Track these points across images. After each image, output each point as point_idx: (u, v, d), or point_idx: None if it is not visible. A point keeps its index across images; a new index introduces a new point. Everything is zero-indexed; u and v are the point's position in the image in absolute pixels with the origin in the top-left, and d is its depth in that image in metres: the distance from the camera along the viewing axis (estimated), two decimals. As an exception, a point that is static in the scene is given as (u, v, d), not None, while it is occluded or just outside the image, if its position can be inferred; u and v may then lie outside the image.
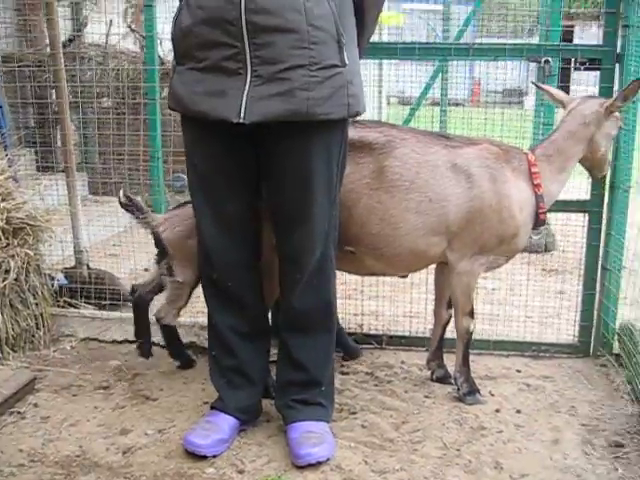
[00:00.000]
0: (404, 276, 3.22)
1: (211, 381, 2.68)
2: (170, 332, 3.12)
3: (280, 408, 2.63)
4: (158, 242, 3.03)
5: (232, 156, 2.42)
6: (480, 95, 10.94)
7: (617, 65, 3.09)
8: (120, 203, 3.06)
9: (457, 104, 6.88)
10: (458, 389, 2.91)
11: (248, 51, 2.17)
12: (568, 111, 2.91)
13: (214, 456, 2.46)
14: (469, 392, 2.89)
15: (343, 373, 3.14)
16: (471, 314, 2.89)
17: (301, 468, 2.40)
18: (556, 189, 2.89)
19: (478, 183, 2.73)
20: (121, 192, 3.08)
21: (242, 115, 2.20)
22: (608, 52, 3.07)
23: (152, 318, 3.10)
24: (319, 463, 2.40)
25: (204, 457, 2.44)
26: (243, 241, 2.54)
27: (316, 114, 2.24)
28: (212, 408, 2.64)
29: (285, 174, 2.39)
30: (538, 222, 2.86)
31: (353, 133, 2.69)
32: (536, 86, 3.19)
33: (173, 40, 2.35)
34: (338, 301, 3.32)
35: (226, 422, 2.55)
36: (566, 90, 4.60)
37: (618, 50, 3.08)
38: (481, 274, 2.90)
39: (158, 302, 3.12)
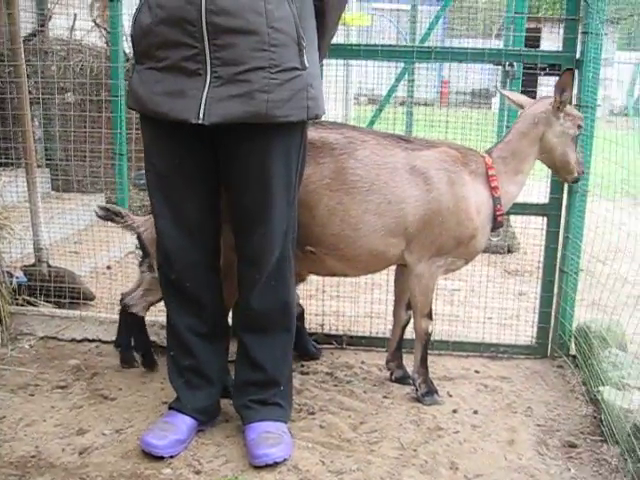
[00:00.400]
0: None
1: (169, 381, 2.67)
2: (135, 323, 3.11)
3: (238, 408, 2.63)
4: (140, 242, 3.06)
5: (191, 157, 2.41)
6: (448, 96, 11.03)
7: (576, 70, 3.12)
8: (98, 216, 3.11)
9: (426, 104, 6.92)
10: (416, 390, 2.94)
11: (208, 52, 2.17)
12: (521, 113, 2.96)
13: (171, 457, 2.45)
14: (427, 393, 2.92)
15: (303, 373, 3.15)
16: (429, 316, 2.91)
17: (258, 468, 2.40)
18: (514, 191, 2.92)
19: (436, 185, 2.76)
20: (96, 206, 3.14)
21: (201, 116, 2.19)
22: (568, 58, 3.12)
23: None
24: (276, 463, 2.41)
25: (161, 458, 2.43)
26: (202, 242, 2.53)
27: (275, 116, 2.25)
28: (170, 408, 2.63)
29: (245, 176, 2.39)
30: (496, 224, 2.89)
31: (314, 134, 2.72)
32: (498, 91, 3.20)
33: (133, 39, 2.33)
34: (300, 301, 3.34)
35: (184, 422, 2.55)
36: (533, 94, 4.67)
37: (577, 56, 3.13)
38: (439, 276, 2.93)
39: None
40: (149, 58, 2.26)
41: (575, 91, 3.14)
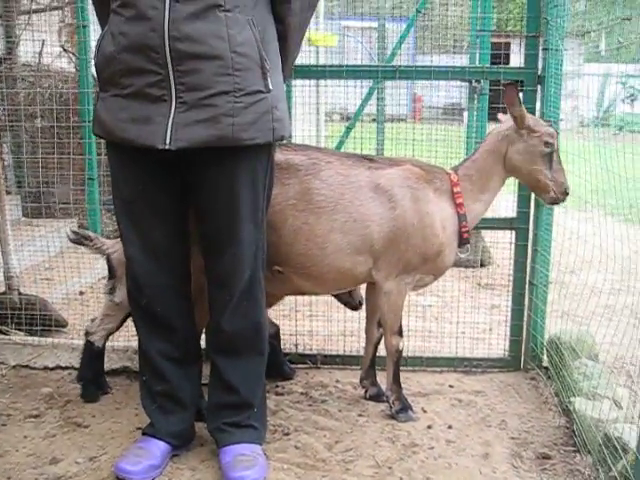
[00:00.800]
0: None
1: (142, 406, 2.66)
2: (92, 351, 3.07)
3: (212, 432, 2.62)
4: (108, 264, 3.06)
5: (155, 183, 2.42)
6: (421, 111, 11.14)
7: (539, 86, 3.18)
8: (70, 240, 3.14)
9: (399, 120, 6.97)
10: (390, 407, 2.95)
11: (172, 78, 2.19)
12: (489, 131, 2.99)
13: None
14: (401, 409, 2.93)
15: (277, 394, 3.15)
16: (399, 332, 2.92)
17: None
18: (479, 208, 2.94)
19: (400, 203, 2.78)
20: (68, 230, 3.17)
21: (168, 141, 2.21)
22: (530, 74, 3.17)
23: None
24: None
25: None
26: (170, 266, 2.53)
27: (242, 139, 2.27)
28: (144, 434, 2.61)
29: (213, 198, 2.41)
30: (462, 241, 2.91)
31: (280, 156, 2.74)
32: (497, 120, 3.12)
33: (97, 67, 2.35)
34: (275, 313, 3.35)
35: (158, 447, 2.53)
36: (503, 110, 4.73)
37: (539, 72, 3.18)
38: (408, 293, 2.95)
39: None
40: (113, 85, 2.28)
41: (538, 106, 3.19)
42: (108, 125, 2.32)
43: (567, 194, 2.87)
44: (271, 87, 2.30)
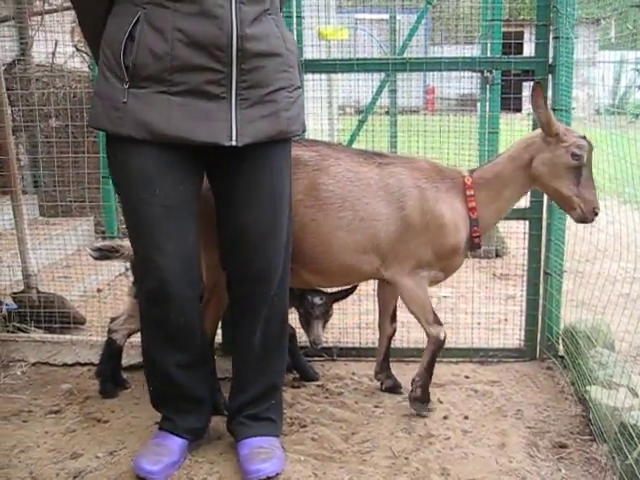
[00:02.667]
0: None
1: (156, 409, 2.65)
2: (112, 349, 3.11)
3: (232, 427, 2.64)
4: (133, 269, 3.09)
5: (191, 182, 2.40)
6: (435, 103, 11.10)
7: (550, 76, 3.16)
8: (94, 258, 3.15)
9: (412, 112, 6.96)
10: (411, 391, 2.90)
11: (235, 76, 2.21)
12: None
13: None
14: (419, 398, 2.88)
15: (294, 387, 3.17)
16: (437, 321, 2.84)
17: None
18: (492, 215, 2.85)
19: (409, 203, 2.74)
20: (88, 249, 3.17)
21: (234, 138, 2.24)
22: (540, 63, 3.16)
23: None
24: (269, 478, 2.42)
25: None
26: (196, 274, 2.50)
27: (292, 132, 2.42)
28: (161, 429, 2.62)
29: (259, 190, 2.42)
30: (473, 246, 2.85)
31: None
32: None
33: (134, 62, 2.19)
34: (289, 315, 3.37)
35: (176, 444, 2.54)
36: (518, 100, 4.71)
37: (550, 61, 3.16)
38: (427, 285, 2.88)
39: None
40: (158, 82, 2.20)
41: (550, 94, 3.18)
42: (153, 124, 2.22)
43: (596, 214, 2.68)
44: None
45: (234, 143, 2.24)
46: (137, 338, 3.36)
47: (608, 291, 2.97)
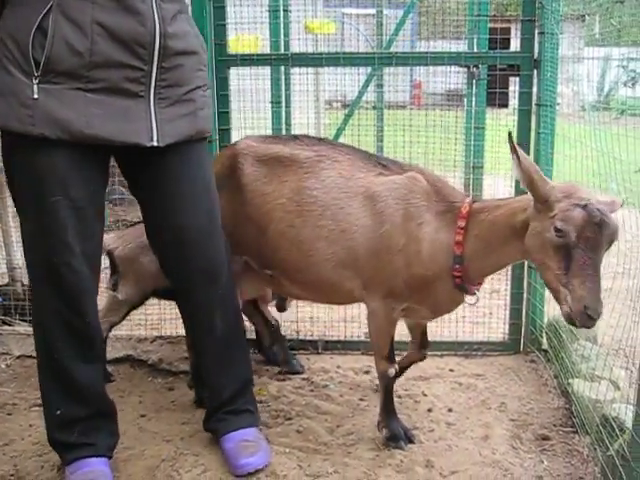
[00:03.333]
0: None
1: (57, 444, 2.42)
2: None
3: (211, 426, 2.63)
4: (111, 260, 3.08)
5: (104, 183, 2.34)
6: (422, 98, 11.11)
7: (535, 71, 3.18)
8: None
9: (399, 107, 6.97)
10: (380, 431, 2.67)
11: (155, 74, 2.17)
12: None
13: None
14: (391, 437, 2.62)
15: (279, 380, 3.19)
16: (388, 358, 2.60)
17: (238, 477, 2.43)
18: (479, 258, 2.38)
19: (390, 219, 2.44)
20: None
21: (155, 138, 2.19)
22: (526, 58, 3.17)
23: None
24: (257, 471, 2.44)
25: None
26: (97, 273, 2.40)
27: (207, 131, 2.43)
28: (77, 460, 2.37)
29: (192, 186, 2.38)
30: (456, 284, 2.43)
31: (286, 150, 2.67)
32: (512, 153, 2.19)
33: (46, 56, 2.03)
34: (274, 308, 3.38)
35: (104, 464, 2.40)
36: (505, 96, 4.69)
37: (535, 56, 3.18)
38: (396, 319, 2.60)
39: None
40: (74, 78, 2.07)
41: (535, 90, 3.20)
42: (72, 123, 2.08)
43: (591, 317, 2.02)
44: None
45: (155, 143, 2.19)
46: (122, 331, 3.39)
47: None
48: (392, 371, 2.62)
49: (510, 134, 2.20)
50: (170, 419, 2.76)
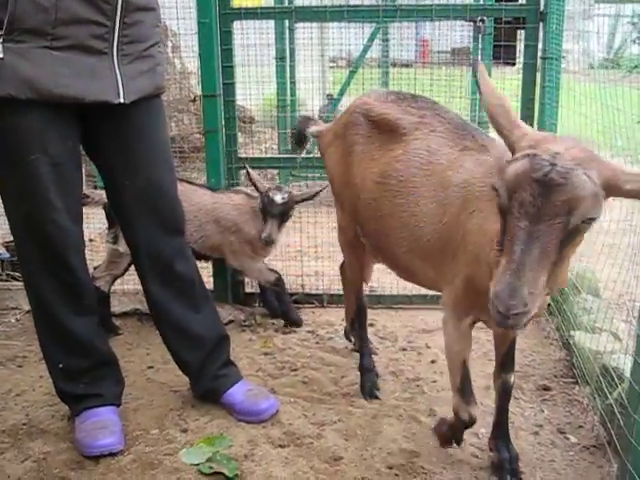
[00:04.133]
0: None
1: (64, 395, 2.51)
2: (98, 296, 3.13)
3: (207, 386, 2.63)
4: (107, 214, 3.11)
5: (78, 138, 2.31)
6: (429, 55, 10.98)
7: (541, 24, 3.16)
8: None
9: (406, 65, 6.90)
10: None
11: (117, 30, 2.15)
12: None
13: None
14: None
15: (285, 332, 3.24)
16: (462, 393, 2.18)
17: (242, 424, 2.50)
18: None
19: (449, 209, 2.05)
20: None
21: (122, 95, 2.19)
22: (532, 11, 3.14)
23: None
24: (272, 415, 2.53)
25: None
26: (81, 228, 2.41)
27: (164, 87, 2.43)
28: (86, 409, 2.46)
29: (154, 142, 2.40)
30: None
31: (394, 113, 2.36)
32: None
33: (10, 13, 2.00)
34: (280, 264, 3.41)
35: (112, 412, 2.48)
36: (513, 50, 4.65)
37: (541, 9, 3.15)
38: (467, 335, 2.19)
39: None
40: (39, 36, 2.04)
41: (540, 44, 3.18)
42: (40, 82, 2.06)
43: (500, 314, 1.48)
44: None
45: (122, 100, 2.19)
46: (129, 286, 3.42)
47: (596, 241, 3.00)
48: (465, 415, 2.15)
49: (475, 61, 2.02)
50: (177, 370, 2.79)
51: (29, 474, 2.27)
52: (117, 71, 2.17)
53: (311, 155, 3.86)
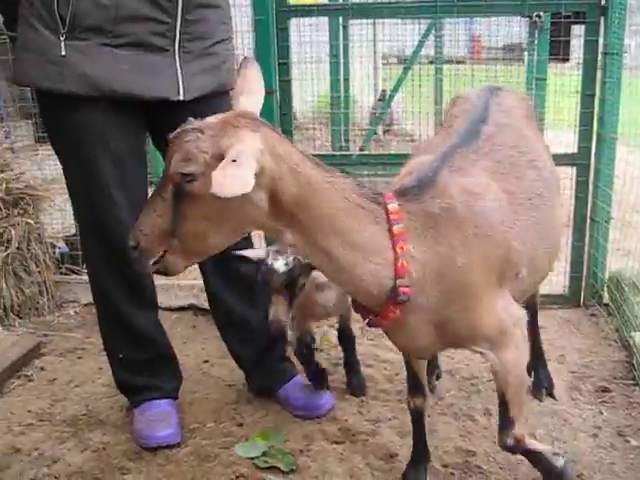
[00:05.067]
0: None
1: (123, 386, 2.57)
2: None
3: (263, 382, 2.65)
4: None
5: (142, 135, 2.37)
6: (481, 52, 10.86)
7: (602, 18, 3.09)
8: None
9: (458, 62, 6.84)
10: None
11: (179, 27, 2.16)
12: None
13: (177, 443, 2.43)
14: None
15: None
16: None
17: (297, 419, 2.51)
18: None
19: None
20: None
21: (182, 92, 2.20)
22: (593, 5, 3.07)
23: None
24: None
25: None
26: None
27: (231, 84, 2.30)
28: (145, 401, 2.51)
29: None
30: None
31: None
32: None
33: (72, 12, 2.04)
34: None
35: (169, 405, 2.52)
36: (566, 45, 4.57)
37: (602, 2, 3.08)
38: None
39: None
40: (100, 33, 2.07)
41: (601, 39, 3.11)
42: (101, 79, 2.09)
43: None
44: None
45: (182, 97, 2.19)
46: (186, 281, 3.46)
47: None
48: (527, 441, 2.00)
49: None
50: (232, 365, 2.82)
51: (89, 464, 2.32)
52: (178, 68, 2.18)
53: (366, 152, 3.84)
